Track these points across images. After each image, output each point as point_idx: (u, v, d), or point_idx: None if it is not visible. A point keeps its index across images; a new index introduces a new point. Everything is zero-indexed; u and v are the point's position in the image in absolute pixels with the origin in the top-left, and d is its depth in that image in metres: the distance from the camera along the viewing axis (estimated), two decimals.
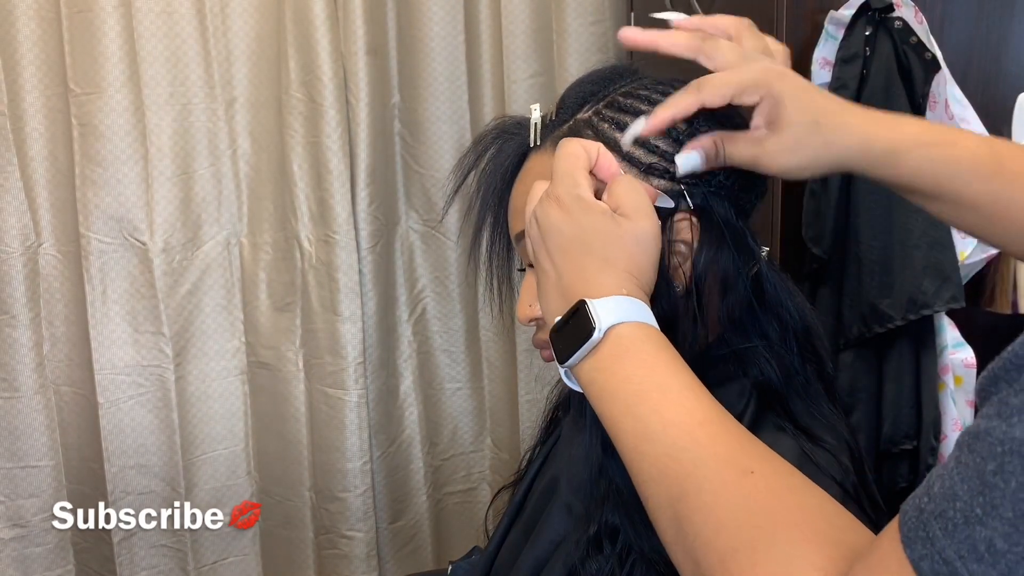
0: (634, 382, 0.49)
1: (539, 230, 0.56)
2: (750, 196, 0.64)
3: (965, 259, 1.14)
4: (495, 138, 0.70)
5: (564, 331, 0.53)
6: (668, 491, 0.45)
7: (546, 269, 0.55)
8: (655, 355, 0.50)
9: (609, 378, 0.50)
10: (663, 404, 0.48)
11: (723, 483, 0.44)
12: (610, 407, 0.50)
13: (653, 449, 0.47)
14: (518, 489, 0.81)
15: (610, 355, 0.51)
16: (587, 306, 0.51)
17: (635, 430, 0.48)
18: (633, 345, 0.51)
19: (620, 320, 0.51)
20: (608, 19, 1.74)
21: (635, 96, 0.64)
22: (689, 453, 0.45)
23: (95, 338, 1.70)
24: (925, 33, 1.12)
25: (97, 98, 1.63)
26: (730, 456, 0.45)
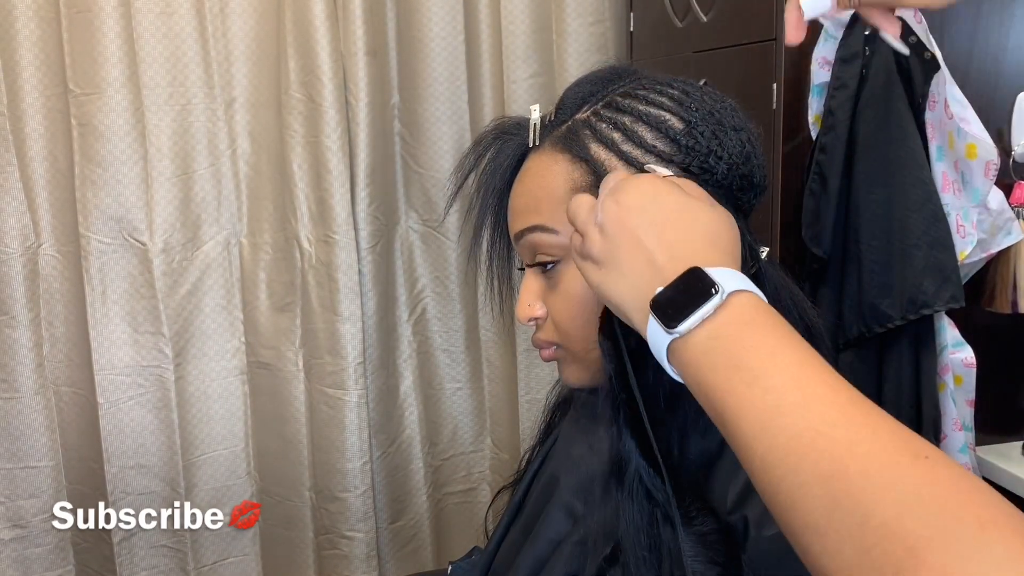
0: (763, 351, 0.44)
1: (626, 210, 0.52)
2: (749, 196, 0.64)
3: (965, 259, 1.15)
4: (495, 139, 0.70)
5: (671, 298, 0.47)
6: (817, 467, 0.40)
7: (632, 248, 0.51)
8: (782, 325, 0.46)
9: (731, 346, 0.45)
10: (803, 377, 0.43)
11: (897, 464, 0.39)
12: (729, 379, 0.44)
13: (793, 423, 0.41)
14: (517, 489, 0.81)
15: (733, 321, 0.46)
16: (702, 271, 0.47)
17: (766, 402, 0.42)
18: (759, 313, 0.46)
19: (740, 287, 0.47)
20: (608, 19, 1.74)
21: (633, 96, 0.64)
22: (844, 430, 0.40)
23: (95, 338, 1.70)
24: (925, 33, 1.12)
25: (97, 98, 1.63)
26: (894, 437, 0.40)
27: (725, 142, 0.62)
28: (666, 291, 0.48)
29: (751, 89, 1.27)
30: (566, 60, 1.72)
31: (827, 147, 1.17)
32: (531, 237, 0.65)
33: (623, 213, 0.51)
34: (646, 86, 0.65)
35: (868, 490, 0.38)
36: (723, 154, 0.61)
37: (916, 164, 1.13)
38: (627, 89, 0.65)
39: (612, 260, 0.52)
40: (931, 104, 1.14)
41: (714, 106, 0.63)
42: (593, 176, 0.62)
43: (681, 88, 0.64)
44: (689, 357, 0.46)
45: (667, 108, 0.63)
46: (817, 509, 0.39)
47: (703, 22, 1.45)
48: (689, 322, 0.46)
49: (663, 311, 0.47)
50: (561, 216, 0.62)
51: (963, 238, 1.14)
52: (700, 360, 0.46)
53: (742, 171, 0.62)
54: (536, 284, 0.67)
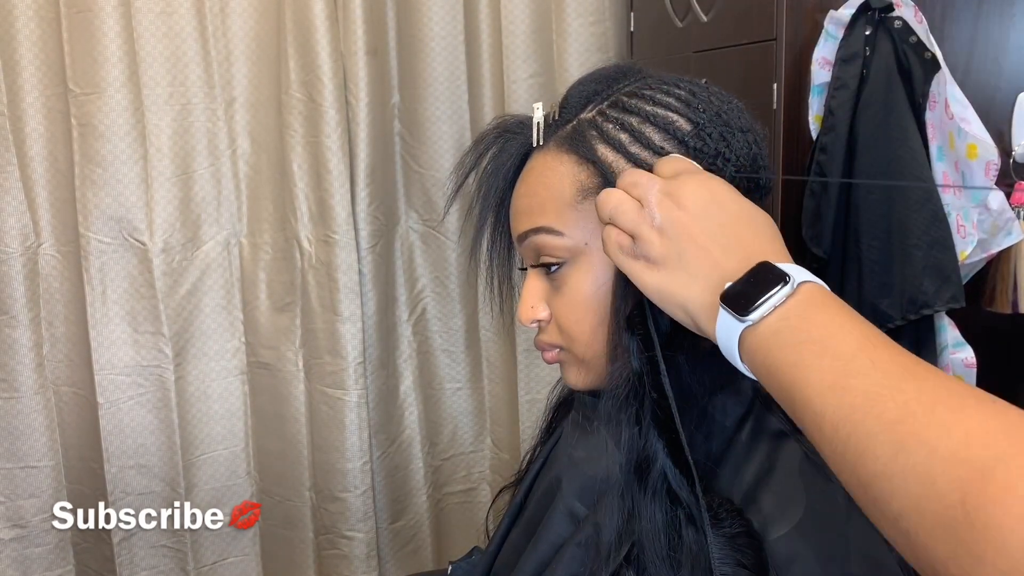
0: (833, 327, 0.46)
1: (688, 211, 0.53)
2: (754, 197, 0.64)
3: (965, 259, 1.14)
4: (496, 137, 0.68)
5: (742, 291, 0.49)
6: (883, 416, 0.41)
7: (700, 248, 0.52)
8: (848, 308, 0.48)
9: (800, 323, 0.47)
10: (868, 346, 0.44)
11: (963, 405, 0.40)
12: (800, 351, 0.46)
13: (861, 383, 0.43)
14: (519, 490, 0.81)
15: (802, 303, 0.48)
16: (772, 264, 0.49)
17: (835, 368, 0.44)
18: (826, 299, 0.48)
19: (808, 279, 0.49)
20: (608, 19, 1.74)
21: (640, 96, 0.63)
22: (911, 383, 0.42)
23: (95, 338, 1.70)
24: (925, 33, 1.12)
25: (97, 98, 1.63)
26: (960, 388, 0.41)
27: (733, 144, 0.61)
28: (736, 285, 0.50)
29: (751, 89, 1.27)
30: (566, 60, 1.72)
31: (827, 147, 1.17)
32: (535, 239, 0.64)
33: (686, 217, 0.53)
34: (652, 86, 0.64)
35: (933, 426, 0.39)
36: (731, 156, 0.61)
37: (916, 164, 1.12)
38: (633, 89, 0.64)
39: (678, 262, 0.52)
40: (931, 104, 1.13)
41: (721, 107, 0.63)
42: (600, 178, 0.61)
43: (688, 88, 0.63)
44: (759, 342, 0.48)
45: (674, 109, 0.62)
46: (885, 455, 0.40)
47: (703, 22, 1.45)
48: (763, 309, 0.48)
49: (735, 303, 0.49)
50: (567, 218, 0.61)
51: (963, 238, 1.14)
52: (770, 341, 0.47)
53: (747, 170, 0.62)
54: (539, 286, 0.66)
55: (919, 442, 0.39)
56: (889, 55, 1.13)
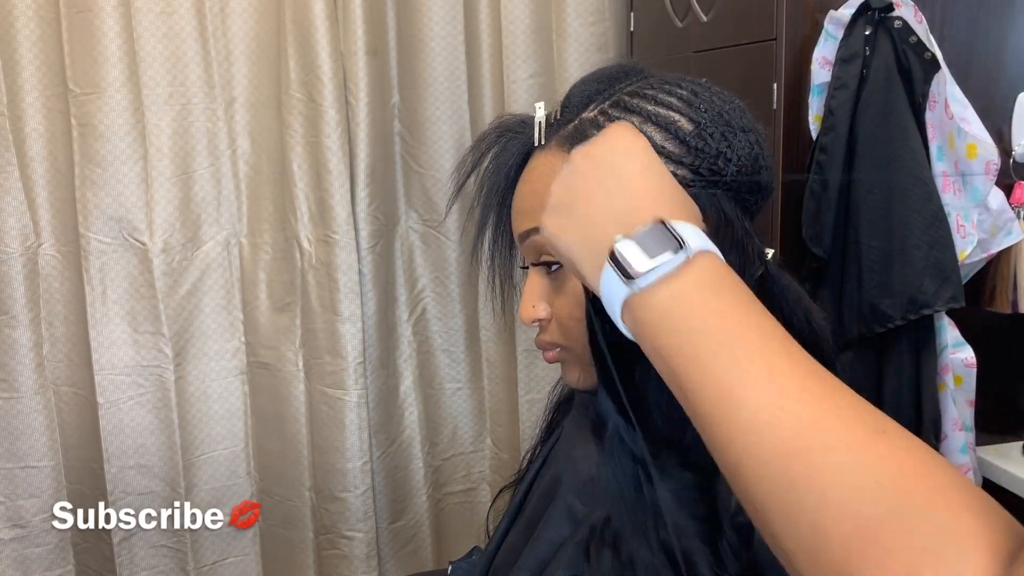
0: (729, 318, 0.42)
1: (592, 160, 0.50)
2: (756, 197, 0.64)
3: (965, 259, 1.14)
4: (498, 137, 0.69)
5: (630, 249, 0.45)
6: (777, 446, 0.39)
7: (591, 194, 0.48)
8: (747, 296, 0.44)
9: (697, 310, 0.43)
10: (765, 348, 0.41)
11: (855, 441, 0.38)
12: (692, 344, 0.42)
13: (756, 397, 0.40)
14: (518, 489, 0.81)
15: (697, 283, 0.43)
16: (668, 224, 0.45)
17: (728, 374, 0.41)
18: (726, 278, 0.44)
19: (705, 247, 0.44)
20: (608, 19, 1.74)
21: (641, 96, 0.63)
22: (807, 407, 0.39)
23: (95, 338, 1.70)
24: (925, 33, 1.12)
25: (97, 98, 1.63)
26: (854, 412, 0.39)
27: (734, 144, 0.61)
28: (626, 241, 0.45)
29: (751, 89, 1.27)
30: (566, 60, 1.72)
31: (827, 147, 1.17)
32: (537, 238, 0.63)
33: (587, 162, 0.50)
34: (655, 85, 0.64)
35: (826, 470, 0.38)
36: (732, 156, 0.61)
37: (916, 164, 1.13)
38: (635, 88, 0.64)
39: (568, 207, 0.49)
40: (931, 104, 1.13)
41: (723, 107, 0.63)
42: None
43: (690, 88, 0.63)
44: (648, 316, 0.44)
45: (676, 109, 0.62)
46: (776, 489, 0.39)
47: (703, 22, 1.45)
48: (651, 277, 0.43)
49: (622, 263, 0.45)
50: None
51: (963, 238, 1.14)
52: (660, 321, 0.44)
53: (750, 173, 0.62)
54: (540, 285, 0.66)
55: (811, 485, 0.38)
56: (889, 55, 1.13)
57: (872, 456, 0.37)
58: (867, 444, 0.38)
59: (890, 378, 1.18)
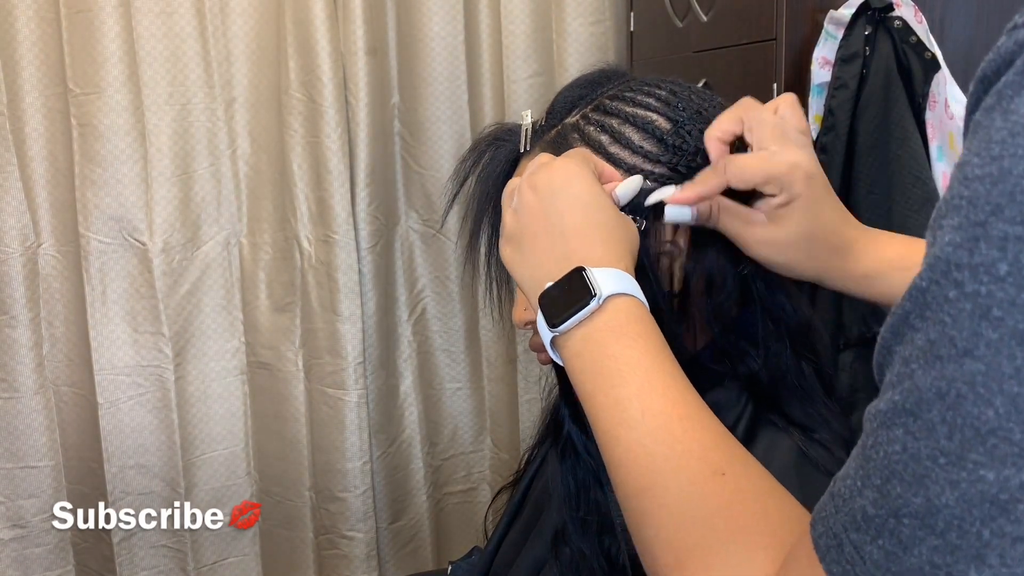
0: (621, 361, 0.48)
1: (537, 194, 0.54)
2: (739, 196, 0.64)
3: None
4: (488, 145, 0.70)
5: (557, 295, 0.51)
6: (636, 481, 0.45)
7: (536, 233, 0.54)
8: (646, 337, 0.49)
9: (596, 352, 0.49)
10: (646, 390, 0.47)
11: (691, 481, 0.43)
12: (592, 383, 0.49)
13: (628, 436, 0.46)
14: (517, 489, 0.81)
15: (604, 327, 0.49)
16: (586, 272, 0.50)
17: (613, 412, 0.47)
18: (628, 321, 0.50)
19: (619, 291, 0.50)
20: (608, 19, 1.74)
21: (621, 99, 0.64)
22: (663, 447, 0.45)
23: (95, 338, 1.70)
24: (925, 33, 1.12)
25: (96, 98, 1.63)
26: (704, 454, 0.44)
27: None
28: (553, 288, 0.52)
29: (751, 89, 1.27)
30: (566, 60, 1.72)
31: (827, 147, 1.17)
32: None
33: (533, 198, 0.54)
34: (634, 88, 0.65)
35: (665, 507, 0.43)
36: None
37: (916, 164, 1.12)
38: (615, 92, 0.65)
39: (520, 243, 0.55)
40: (931, 104, 1.13)
41: (702, 105, 0.63)
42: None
43: (669, 88, 0.64)
44: (566, 354, 0.51)
45: (654, 109, 0.63)
46: (632, 519, 0.45)
47: (703, 22, 1.45)
48: (568, 323, 0.50)
49: (548, 307, 0.52)
50: None
51: None
52: (573, 361, 0.51)
53: None
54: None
55: (652, 518, 0.44)
56: (889, 55, 1.13)
57: (700, 496, 0.43)
58: (700, 485, 0.43)
59: None
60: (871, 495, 0.32)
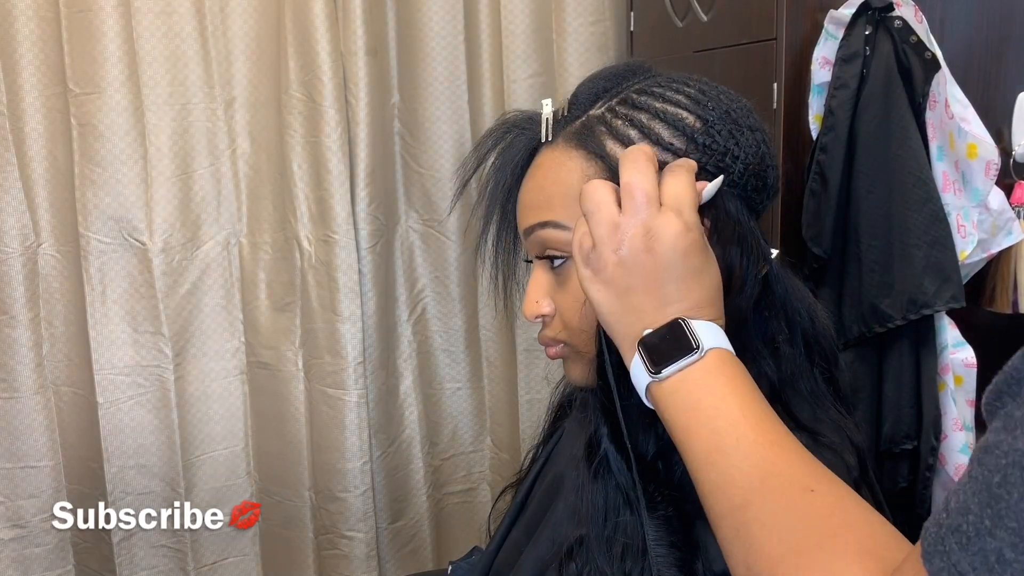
0: (717, 397, 0.52)
1: (652, 253, 0.54)
2: (761, 196, 0.64)
3: (965, 259, 1.14)
4: (505, 132, 0.68)
5: (657, 343, 0.54)
6: (731, 500, 0.49)
7: (642, 286, 0.55)
8: (739, 377, 0.54)
9: (694, 390, 0.53)
10: (740, 421, 0.51)
11: (786, 497, 0.48)
12: (688, 417, 0.52)
13: (723, 461, 0.50)
14: (520, 488, 0.81)
15: (699, 370, 0.53)
16: (688, 325, 0.54)
17: (710, 441, 0.51)
18: (723, 366, 0.54)
19: (717, 345, 0.54)
20: (608, 19, 1.74)
21: (649, 93, 0.63)
22: (758, 469, 0.49)
23: (94, 338, 1.70)
24: (925, 32, 1.12)
25: (96, 98, 1.63)
26: (795, 474, 0.49)
27: (742, 142, 0.61)
28: (654, 335, 0.54)
29: (751, 89, 1.27)
30: (566, 60, 1.72)
31: (827, 147, 1.17)
32: (542, 233, 0.64)
33: (650, 262, 0.55)
34: (662, 83, 0.64)
35: (761, 520, 0.48)
36: (739, 154, 0.61)
37: (916, 164, 1.12)
38: (643, 86, 0.64)
39: (623, 293, 0.56)
40: (931, 104, 1.13)
41: (731, 105, 0.63)
42: (609, 173, 0.61)
43: (697, 87, 0.63)
44: (661, 396, 0.54)
45: (684, 106, 0.62)
46: (729, 534, 0.49)
47: (703, 22, 1.45)
48: (669, 371, 0.53)
49: (649, 354, 0.54)
50: (573, 212, 0.61)
51: (964, 238, 1.14)
52: (668, 400, 0.54)
53: (757, 172, 0.62)
54: (544, 280, 0.66)
55: (748, 530, 0.48)
56: (889, 55, 1.13)
57: (794, 510, 0.47)
58: (794, 500, 0.48)
59: (890, 378, 1.18)
60: (1008, 537, 0.32)
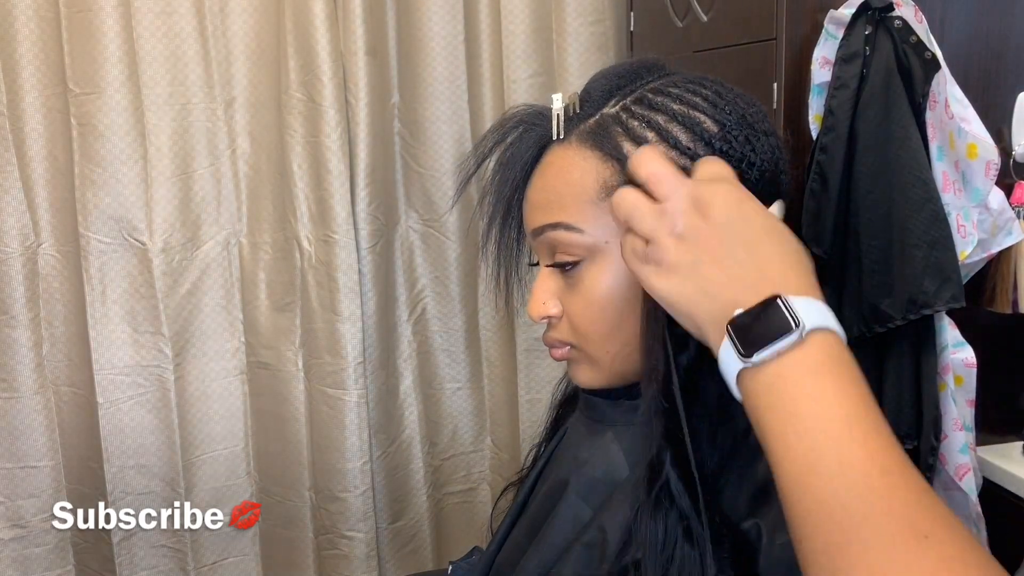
0: (820, 403, 0.45)
1: (710, 221, 0.50)
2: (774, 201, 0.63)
3: (965, 259, 1.14)
4: (515, 127, 0.66)
5: (749, 324, 0.47)
6: (828, 536, 0.42)
7: (717, 259, 0.49)
8: (849, 379, 0.46)
9: (792, 390, 0.46)
10: (846, 439, 0.44)
11: (894, 544, 0.41)
12: (783, 424, 0.45)
13: (823, 486, 0.43)
14: (521, 488, 0.80)
15: (801, 363, 0.46)
16: (784, 301, 0.46)
17: (806, 459, 0.44)
18: (830, 360, 0.46)
19: (821, 325, 0.46)
20: (608, 19, 1.74)
21: (666, 94, 0.62)
22: (863, 503, 0.42)
23: (94, 338, 1.70)
24: (925, 32, 1.12)
25: (96, 98, 1.63)
26: (907, 515, 0.42)
27: (757, 147, 0.60)
28: (746, 316, 0.47)
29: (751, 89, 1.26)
30: (566, 60, 1.72)
31: (827, 147, 1.17)
32: (552, 234, 0.62)
33: (708, 228, 0.50)
34: (678, 84, 0.63)
35: (864, 568, 0.41)
36: (756, 160, 0.60)
37: (916, 164, 1.12)
38: (658, 86, 0.63)
39: (692, 271, 0.50)
40: (931, 104, 1.13)
41: (746, 110, 0.62)
42: (624, 176, 0.59)
43: (714, 89, 0.62)
44: (753, 389, 0.47)
45: (701, 109, 0.61)
46: (822, 571, 0.43)
47: (703, 22, 1.45)
48: (764, 354, 0.46)
49: (741, 336, 0.47)
50: (587, 214, 0.60)
51: (964, 238, 1.14)
52: (762, 397, 0.47)
53: (771, 178, 0.61)
54: (552, 281, 0.65)
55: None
56: (889, 55, 1.13)
57: (904, 562, 0.41)
58: (904, 546, 0.41)
59: (890, 378, 1.18)
60: None
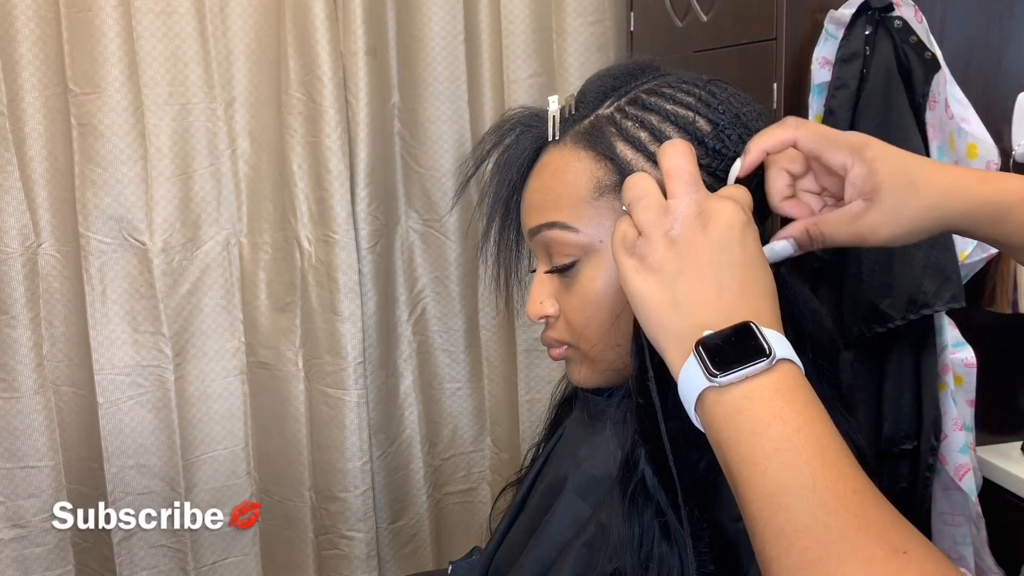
0: (791, 426, 0.45)
1: (707, 234, 0.50)
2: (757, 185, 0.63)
3: (965, 259, 1.14)
4: (511, 128, 0.67)
5: (721, 346, 0.47)
6: (804, 553, 0.42)
7: (700, 274, 0.50)
8: (815, 406, 0.47)
9: (761, 411, 0.46)
10: (818, 459, 0.44)
11: (873, 559, 0.41)
12: (750, 445, 0.45)
13: (796, 505, 0.43)
14: (520, 488, 0.81)
15: (771, 387, 0.46)
16: (757, 329, 0.47)
17: (778, 478, 0.44)
18: (797, 387, 0.47)
19: (788, 357, 0.48)
20: (608, 19, 1.74)
21: (659, 94, 0.62)
22: (838, 520, 0.42)
23: (94, 338, 1.70)
24: (925, 32, 1.12)
25: (96, 98, 1.63)
26: (882, 532, 0.42)
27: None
28: (716, 337, 0.48)
29: (751, 89, 1.26)
30: (566, 60, 1.72)
31: None
32: (548, 234, 0.63)
33: (705, 241, 0.50)
34: (672, 84, 0.63)
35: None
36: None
37: None
38: (652, 86, 0.63)
39: (672, 281, 0.50)
40: (931, 104, 1.13)
41: (740, 109, 0.62)
42: (618, 175, 0.60)
43: (707, 88, 0.63)
44: (719, 410, 0.47)
45: (694, 109, 0.61)
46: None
47: (703, 22, 1.46)
48: (734, 375, 0.46)
49: (711, 356, 0.47)
50: (582, 214, 0.61)
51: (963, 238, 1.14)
52: (730, 418, 0.47)
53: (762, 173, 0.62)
54: (549, 282, 0.65)
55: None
56: (889, 55, 1.13)
57: (882, 573, 0.41)
58: (885, 561, 0.41)
59: (890, 378, 1.18)
60: None
